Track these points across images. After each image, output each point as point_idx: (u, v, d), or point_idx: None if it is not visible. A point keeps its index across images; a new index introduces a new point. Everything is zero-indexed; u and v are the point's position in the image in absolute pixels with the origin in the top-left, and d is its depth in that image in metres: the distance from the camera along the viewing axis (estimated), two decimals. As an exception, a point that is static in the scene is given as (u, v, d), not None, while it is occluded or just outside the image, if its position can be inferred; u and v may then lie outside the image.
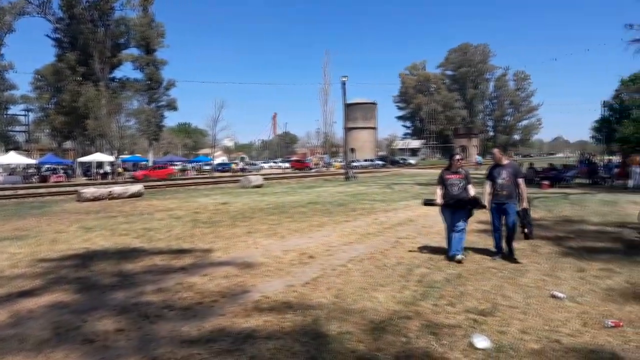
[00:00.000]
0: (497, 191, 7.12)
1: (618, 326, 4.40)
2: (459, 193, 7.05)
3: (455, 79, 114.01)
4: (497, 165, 7.25)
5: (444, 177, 7.21)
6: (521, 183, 7.09)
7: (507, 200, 7.04)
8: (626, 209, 12.76)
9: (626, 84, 54.61)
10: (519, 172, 7.21)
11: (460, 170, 7.22)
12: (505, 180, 7.04)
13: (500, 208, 7.13)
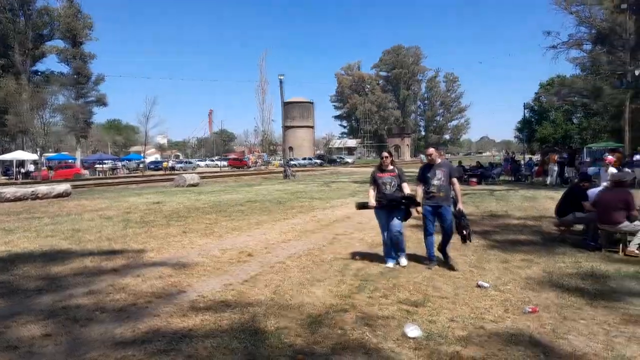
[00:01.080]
0: (431, 193, 6.56)
1: (535, 312, 4.76)
2: (392, 192, 6.58)
3: (389, 79, 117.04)
4: (429, 165, 6.70)
5: (376, 176, 6.73)
6: (456, 183, 6.66)
7: (443, 202, 6.53)
8: (544, 204, 13.71)
9: (545, 88, 58.45)
10: (453, 171, 6.75)
11: (392, 168, 6.75)
12: (441, 181, 6.53)
13: (436, 211, 6.59)
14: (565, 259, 7.03)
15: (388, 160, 6.72)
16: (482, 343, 4.04)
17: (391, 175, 6.67)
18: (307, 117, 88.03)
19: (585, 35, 34.51)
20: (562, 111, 56.97)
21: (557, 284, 5.77)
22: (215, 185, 27.45)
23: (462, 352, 3.85)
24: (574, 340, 4.06)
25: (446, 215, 6.57)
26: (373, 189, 6.78)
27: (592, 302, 5.04)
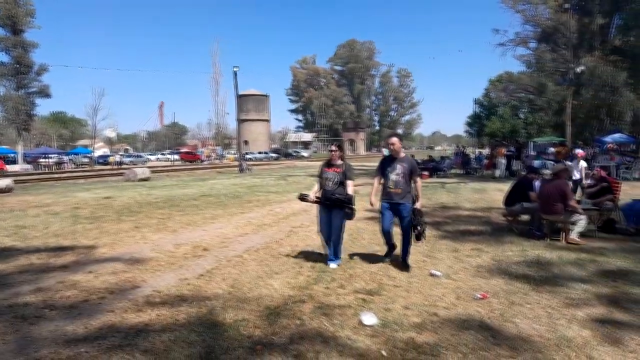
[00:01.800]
0: (388, 189, 6.13)
1: (485, 298, 4.98)
2: (333, 189, 6.11)
3: (343, 74, 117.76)
4: (391, 158, 6.23)
5: (322, 170, 6.31)
6: (418, 181, 6.22)
7: (402, 199, 6.09)
8: (493, 196, 14.27)
9: (494, 84, 60.55)
10: (415, 168, 6.20)
11: (340, 164, 6.21)
12: (400, 177, 6.07)
13: (394, 209, 6.16)
14: (512, 247, 7.36)
15: (336, 154, 6.22)
16: (435, 329, 4.19)
17: (335, 172, 6.16)
18: (263, 110, 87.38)
19: (530, 34, 35.97)
20: (509, 106, 59.19)
21: (505, 271, 6.04)
22: (167, 179, 26.86)
23: (416, 338, 3.99)
24: (521, 324, 4.28)
25: (403, 214, 6.11)
26: (318, 182, 6.41)
27: (537, 288, 5.32)
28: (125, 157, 61.89)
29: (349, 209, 6.07)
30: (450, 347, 3.80)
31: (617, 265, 6.21)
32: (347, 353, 3.71)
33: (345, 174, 6.15)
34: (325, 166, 6.32)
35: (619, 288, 5.26)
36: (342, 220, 6.21)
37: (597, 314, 4.48)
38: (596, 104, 31.32)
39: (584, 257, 6.68)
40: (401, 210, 6.12)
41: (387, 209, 6.21)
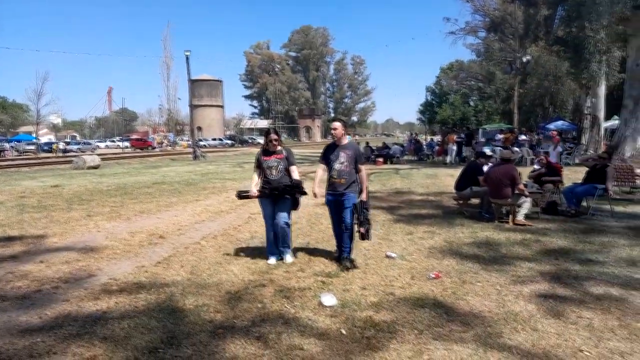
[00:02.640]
0: (332, 179, 5.64)
1: (438, 277, 5.21)
2: (278, 177, 5.70)
3: (298, 60, 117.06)
4: (334, 145, 5.74)
5: (261, 160, 5.80)
6: (362, 170, 5.69)
7: (346, 190, 5.57)
8: (444, 181, 14.74)
9: (445, 72, 61.99)
10: (360, 155, 5.75)
11: (280, 149, 5.79)
12: (344, 166, 5.57)
13: (338, 200, 5.65)
14: (463, 229, 7.68)
15: (277, 142, 5.79)
16: (392, 308, 4.36)
17: (277, 158, 5.73)
18: (216, 96, 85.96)
19: (480, 23, 37.03)
20: (460, 94, 60.85)
21: (457, 252, 6.32)
22: (118, 167, 26.07)
23: (374, 316, 4.14)
24: (472, 301, 4.52)
25: (347, 207, 5.57)
26: (257, 174, 5.85)
27: (487, 267, 5.60)
28: (73, 145, 59.34)
29: (300, 194, 5.78)
30: (407, 324, 3.97)
31: (558, 245, 6.62)
32: (308, 333, 3.81)
33: (288, 159, 5.78)
34: (263, 154, 5.82)
35: (561, 265, 5.62)
36: (289, 211, 5.85)
37: (541, 290, 4.78)
38: (540, 93, 32.74)
39: (529, 237, 7.06)
40: (344, 201, 5.58)
41: (332, 202, 5.71)
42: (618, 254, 6.08)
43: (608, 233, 7.25)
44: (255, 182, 5.84)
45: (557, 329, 3.83)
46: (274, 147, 5.78)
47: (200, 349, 3.54)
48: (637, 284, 4.86)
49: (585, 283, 4.95)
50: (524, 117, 40.72)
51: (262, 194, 5.76)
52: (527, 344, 3.56)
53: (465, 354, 3.42)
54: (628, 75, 19.22)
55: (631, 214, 8.90)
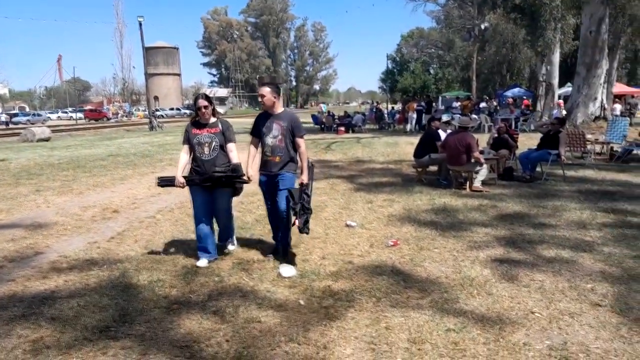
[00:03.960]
0: (265, 156, 4.71)
1: (396, 245, 5.24)
2: (212, 157, 4.58)
3: (257, 26, 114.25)
4: (266, 115, 4.74)
5: (190, 134, 4.66)
6: (302, 145, 4.69)
7: (281, 169, 4.66)
8: (404, 149, 14.86)
9: (406, 39, 61.90)
10: (298, 126, 4.71)
11: (214, 122, 4.68)
12: (278, 140, 4.61)
13: (272, 182, 4.73)
14: (422, 197, 7.75)
15: (208, 110, 4.61)
16: (350, 276, 4.36)
17: (211, 133, 4.60)
18: (173, 63, 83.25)
19: (440, -10, 36.91)
20: (420, 62, 61.04)
21: (415, 219, 6.38)
22: (71, 139, 25.03)
23: (333, 285, 4.13)
24: (429, 267, 4.57)
25: (281, 189, 4.65)
26: (186, 152, 4.73)
27: (444, 233, 5.68)
28: (21, 116, 56.44)
29: (240, 182, 4.71)
30: (365, 292, 3.97)
31: (514, 210, 6.78)
32: (266, 305, 3.76)
33: (224, 134, 4.64)
34: (194, 127, 4.67)
35: (515, 230, 5.76)
36: (230, 198, 4.84)
37: (496, 255, 4.88)
38: (498, 60, 33.22)
39: (486, 203, 7.20)
40: (279, 182, 4.66)
41: (265, 183, 4.80)
42: (569, 217, 6.28)
43: (560, 197, 7.48)
44: (183, 163, 4.72)
45: (511, 292, 3.92)
46: (205, 119, 4.64)
47: (154, 326, 3.44)
48: (586, 246, 5.03)
49: (538, 247, 5.09)
50: (483, 84, 41.38)
51: (189, 182, 4.64)
52: (482, 308, 3.63)
53: (422, 320, 3.45)
54: (581, 43, 19.66)
55: (582, 178, 9.21)
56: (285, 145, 4.66)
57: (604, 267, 4.40)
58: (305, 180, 4.60)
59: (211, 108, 4.65)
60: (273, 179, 4.72)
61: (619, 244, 5.06)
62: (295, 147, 4.71)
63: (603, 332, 3.20)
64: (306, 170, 4.63)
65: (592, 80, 19.05)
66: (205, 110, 4.58)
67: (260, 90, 4.72)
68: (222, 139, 4.63)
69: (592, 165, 10.45)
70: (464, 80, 46.05)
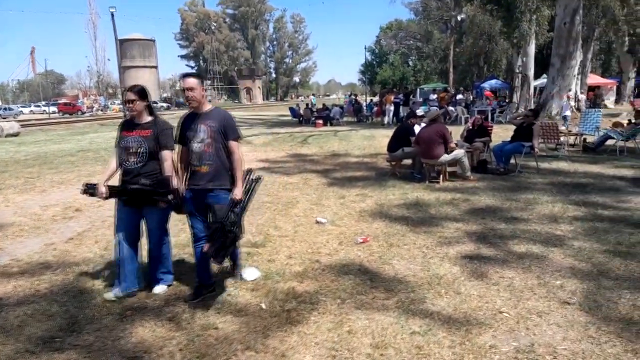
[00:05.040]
0: (192, 166, 3.73)
1: (366, 242, 5.10)
2: (137, 167, 3.73)
3: (236, 18, 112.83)
4: (193, 115, 3.77)
5: (120, 136, 3.84)
6: (236, 149, 3.71)
7: (210, 182, 3.67)
8: (381, 142, 14.70)
9: (384, 31, 61.84)
10: (231, 128, 3.71)
11: (148, 122, 3.81)
12: (205, 145, 3.64)
13: (201, 200, 3.73)
14: (395, 191, 7.64)
15: (138, 106, 3.75)
16: (316, 276, 4.21)
17: (141, 136, 3.75)
18: (149, 56, 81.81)
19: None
20: (399, 54, 61.09)
21: (387, 214, 6.25)
22: (41, 134, 24.32)
23: (297, 287, 3.97)
24: (397, 265, 4.44)
25: (214, 207, 3.62)
26: (116, 157, 3.88)
27: (415, 229, 5.56)
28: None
29: (167, 199, 3.70)
30: (330, 293, 3.83)
31: (486, 203, 6.70)
32: (225, 310, 3.59)
33: (157, 138, 3.75)
34: (124, 127, 3.87)
35: (487, 225, 5.67)
36: (164, 217, 3.94)
37: (466, 251, 4.78)
38: (476, 52, 33.34)
39: (458, 197, 7.11)
40: (210, 201, 3.68)
41: (191, 201, 3.76)
42: (541, 210, 6.22)
43: (533, 190, 7.44)
44: (111, 170, 3.87)
45: (480, 291, 3.82)
46: (137, 116, 3.80)
47: (104, 335, 3.24)
48: (557, 241, 4.97)
49: (509, 242, 5.01)
50: (460, 76, 41.55)
51: (111, 193, 3.80)
52: (449, 308, 3.52)
53: (387, 322, 3.32)
54: (556, 34, 19.77)
55: (555, 170, 9.21)
56: (214, 152, 3.65)
57: (574, 263, 4.33)
58: (238, 196, 3.62)
59: (143, 104, 3.77)
60: (201, 196, 3.70)
61: (590, 238, 5.00)
62: (228, 154, 3.72)
63: (571, 332, 3.11)
64: (240, 182, 3.69)
65: (567, 72, 19.19)
66: (134, 104, 3.72)
67: (185, 82, 3.68)
68: (153, 145, 3.73)
69: (566, 157, 10.48)
70: (442, 72, 46.17)
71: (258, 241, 5.25)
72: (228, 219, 3.52)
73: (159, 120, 3.88)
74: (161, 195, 3.70)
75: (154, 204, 3.75)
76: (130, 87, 3.86)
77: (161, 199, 3.71)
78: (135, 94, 3.73)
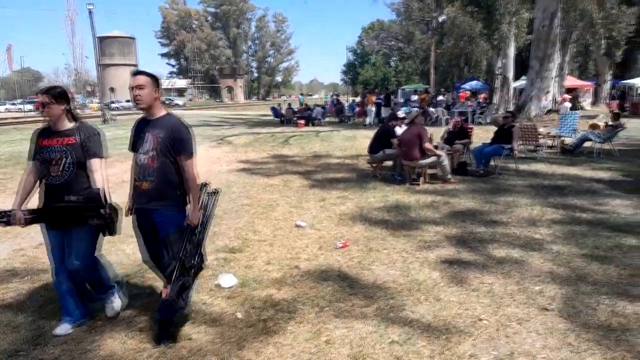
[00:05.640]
0: (135, 181, 3.23)
1: (345, 246, 5.03)
2: (63, 182, 3.17)
3: (218, 16, 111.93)
4: (144, 121, 3.28)
5: (37, 146, 3.27)
6: (188, 168, 3.13)
7: (158, 202, 3.14)
8: (362, 143, 14.64)
9: (366, 31, 62.01)
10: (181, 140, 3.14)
11: (70, 129, 3.25)
12: (150, 158, 3.12)
13: (147, 221, 3.23)
14: (375, 193, 7.58)
15: (54, 110, 3.17)
16: (295, 283, 4.12)
17: (65, 145, 3.19)
18: (129, 54, 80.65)
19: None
20: (381, 55, 61.31)
21: (367, 217, 6.19)
22: (16, 133, 23.76)
23: (275, 295, 3.88)
24: (377, 270, 4.38)
25: (160, 231, 3.14)
26: (31, 173, 3.31)
27: (395, 232, 5.51)
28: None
29: (99, 218, 3.17)
30: (308, 301, 3.74)
31: (466, 206, 6.69)
32: (199, 320, 3.48)
33: (83, 145, 3.21)
34: (41, 136, 3.28)
35: (467, 228, 5.65)
36: (90, 240, 3.32)
37: (446, 255, 4.74)
38: (456, 53, 33.56)
39: (438, 199, 7.09)
40: (157, 222, 3.16)
41: (140, 222, 3.31)
42: (520, 213, 6.23)
43: (512, 192, 7.46)
44: (27, 189, 3.28)
45: (459, 297, 3.77)
46: (55, 124, 3.23)
47: (71, 348, 3.11)
48: (536, 245, 4.96)
49: (489, 246, 4.98)
50: (441, 77, 41.83)
51: (32, 219, 3.22)
52: (429, 316, 3.46)
53: (366, 331, 3.25)
54: (534, 37, 20.00)
55: (534, 172, 9.26)
56: (159, 167, 3.09)
57: (553, 267, 4.32)
58: (193, 222, 3.10)
59: (60, 108, 3.17)
60: (147, 217, 3.20)
61: (568, 242, 5.01)
62: (178, 170, 3.15)
63: (550, 340, 3.09)
64: (195, 205, 3.13)
65: (545, 74, 19.44)
66: (48, 109, 3.14)
67: (134, 79, 3.11)
68: (79, 154, 3.17)
69: (544, 158, 10.57)
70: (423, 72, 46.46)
71: (236, 246, 5.14)
72: (186, 251, 3.04)
73: (84, 125, 3.33)
74: (92, 211, 3.14)
75: (84, 222, 3.18)
76: (44, 89, 3.27)
77: (92, 215, 3.15)
78: (50, 97, 3.13)
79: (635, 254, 4.61)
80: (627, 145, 12.61)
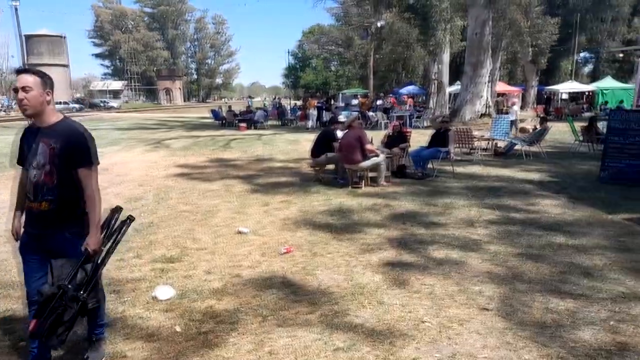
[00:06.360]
0: (27, 199, 2.68)
1: (289, 252, 4.96)
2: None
3: (155, 17, 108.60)
4: (35, 130, 2.67)
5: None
6: (89, 181, 2.62)
7: (51, 228, 2.63)
8: (305, 147, 14.63)
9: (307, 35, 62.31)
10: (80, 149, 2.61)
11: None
12: (44, 173, 2.58)
13: (40, 249, 2.68)
14: (318, 197, 7.57)
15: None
16: (237, 292, 4.00)
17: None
18: (59, 54, 76.32)
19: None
20: (321, 59, 61.77)
21: (310, 222, 6.15)
22: None
23: (216, 305, 3.74)
24: (321, 275, 4.34)
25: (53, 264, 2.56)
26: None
27: (338, 236, 5.50)
28: None
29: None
30: (250, 311, 3.64)
31: (406, 208, 6.81)
32: (135, 335, 3.29)
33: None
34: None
35: (407, 230, 5.74)
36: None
37: (388, 258, 4.78)
38: (394, 58, 34.34)
39: (380, 202, 7.17)
40: (52, 248, 2.66)
41: (26, 247, 2.73)
42: (458, 215, 6.41)
43: (450, 194, 7.67)
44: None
45: (402, 300, 3.80)
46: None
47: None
48: (474, 245, 5.11)
49: (429, 247, 5.08)
50: (380, 82, 42.73)
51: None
52: (373, 320, 3.45)
53: (310, 339, 3.19)
54: (468, 44, 20.84)
55: (470, 174, 9.60)
56: (57, 183, 2.59)
57: (490, 267, 4.46)
58: (92, 247, 2.58)
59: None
60: (41, 244, 2.66)
61: (504, 242, 5.20)
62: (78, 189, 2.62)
63: (490, 340, 3.16)
64: (96, 229, 2.62)
65: (478, 79, 20.29)
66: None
67: (19, 80, 2.54)
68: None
69: (479, 161, 10.99)
70: (363, 77, 47.21)
71: (174, 255, 4.93)
72: (72, 280, 2.48)
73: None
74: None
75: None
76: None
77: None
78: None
79: (564, 252, 4.86)
80: (553, 148, 13.39)
